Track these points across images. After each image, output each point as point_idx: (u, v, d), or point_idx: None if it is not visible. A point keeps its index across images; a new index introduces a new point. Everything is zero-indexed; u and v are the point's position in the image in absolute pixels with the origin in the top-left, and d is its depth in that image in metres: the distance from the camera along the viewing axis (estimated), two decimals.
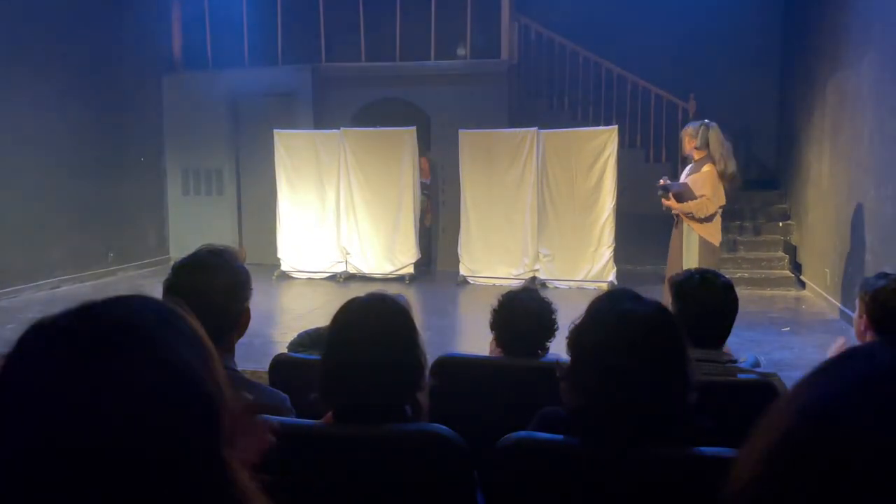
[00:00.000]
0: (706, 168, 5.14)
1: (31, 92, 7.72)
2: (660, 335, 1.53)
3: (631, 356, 1.48)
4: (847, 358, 0.55)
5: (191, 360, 0.66)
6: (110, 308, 0.68)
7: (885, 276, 2.31)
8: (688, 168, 5.51)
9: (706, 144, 5.19)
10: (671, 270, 5.23)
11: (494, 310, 2.54)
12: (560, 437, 1.55)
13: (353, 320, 1.73)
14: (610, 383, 1.48)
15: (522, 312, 2.49)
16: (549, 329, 2.51)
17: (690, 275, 2.45)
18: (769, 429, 0.54)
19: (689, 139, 5.26)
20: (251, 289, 1.93)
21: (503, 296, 2.58)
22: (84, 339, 0.64)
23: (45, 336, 0.65)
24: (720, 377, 2.19)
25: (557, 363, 1.65)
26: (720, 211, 5.25)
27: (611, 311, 1.58)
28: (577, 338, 1.59)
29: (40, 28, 7.73)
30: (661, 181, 5.35)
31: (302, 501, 1.19)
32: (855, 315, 2.39)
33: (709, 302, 2.30)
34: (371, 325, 1.70)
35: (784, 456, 0.52)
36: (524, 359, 2.45)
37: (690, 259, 5.12)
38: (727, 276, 2.48)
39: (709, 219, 5.18)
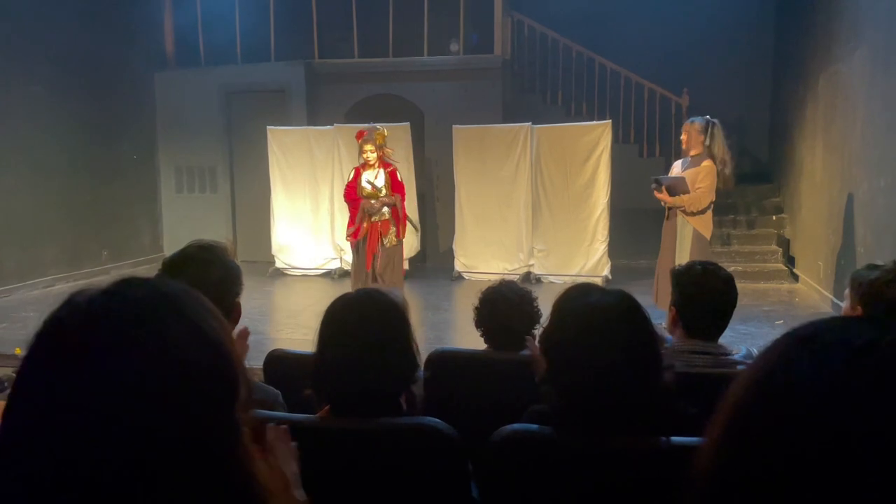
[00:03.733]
0: (707, 163, 5.22)
1: (24, 90, 7.69)
2: (628, 321, 1.54)
3: (604, 347, 1.49)
4: (786, 333, 0.60)
5: (215, 327, 0.72)
6: (143, 281, 0.74)
7: (875, 267, 2.32)
8: (679, 162, 5.54)
9: (711, 141, 5.26)
10: (663, 263, 5.28)
11: (476, 307, 2.57)
12: (553, 430, 1.56)
13: (343, 315, 1.73)
14: (587, 376, 1.49)
15: (504, 304, 2.53)
16: (532, 316, 2.54)
17: (692, 266, 2.45)
18: (723, 408, 0.57)
19: (698, 135, 5.27)
20: (241, 283, 1.93)
21: (483, 293, 2.61)
22: (120, 302, 0.69)
23: (82, 302, 0.69)
24: (712, 369, 2.20)
25: (538, 362, 1.65)
26: (711, 205, 5.34)
27: (578, 307, 1.59)
28: (549, 340, 1.60)
29: (32, 26, 7.69)
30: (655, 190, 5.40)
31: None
32: (845, 306, 2.40)
33: (708, 294, 2.30)
34: (362, 320, 1.70)
35: (736, 427, 0.55)
36: (517, 352, 2.45)
37: (683, 251, 5.19)
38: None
39: (702, 212, 5.26)
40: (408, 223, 6.40)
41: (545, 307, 2.60)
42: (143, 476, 0.63)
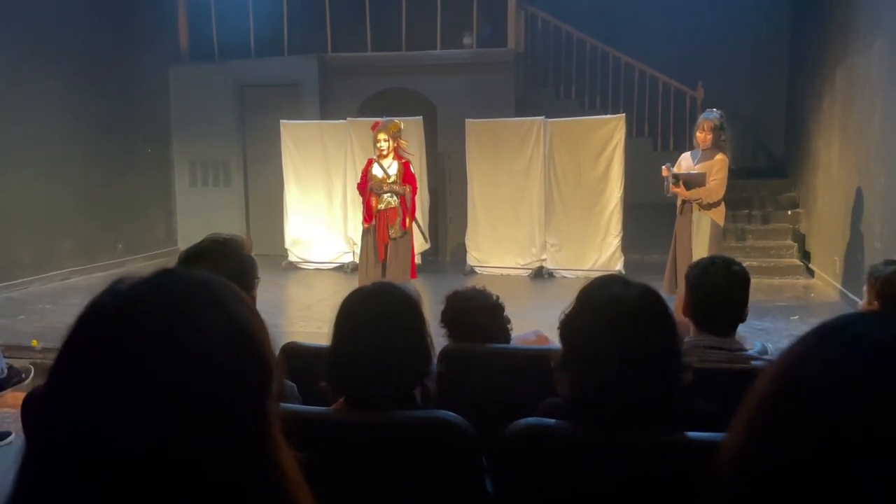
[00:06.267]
0: (720, 157, 5.36)
1: (39, 85, 7.74)
2: (649, 317, 1.54)
3: (621, 339, 1.49)
4: (812, 329, 0.60)
5: (251, 319, 0.74)
6: (183, 271, 0.77)
7: (891, 262, 2.30)
8: (689, 153, 5.57)
9: (725, 135, 5.43)
10: (679, 256, 5.29)
11: (444, 313, 2.57)
12: (568, 423, 1.56)
13: (359, 308, 1.74)
14: (602, 368, 1.48)
15: (467, 309, 2.55)
16: (497, 309, 2.58)
17: (705, 261, 2.45)
18: (749, 401, 0.57)
19: (718, 132, 5.39)
20: (257, 277, 1.94)
21: (448, 298, 2.63)
22: (160, 291, 0.71)
23: (123, 290, 0.71)
24: (727, 364, 2.19)
25: (552, 352, 1.66)
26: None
27: (599, 297, 1.59)
28: (568, 326, 1.60)
29: (47, 21, 7.74)
30: (665, 169, 5.43)
31: (311, 488, 1.21)
32: (863, 302, 2.38)
33: (722, 289, 2.29)
34: (377, 313, 1.71)
35: (761, 420, 0.55)
36: (531, 346, 2.46)
37: (701, 242, 5.25)
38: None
39: (716, 204, 5.38)
40: (417, 228, 6.36)
41: (559, 301, 2.60)
42: (172, 463, 0.64)
